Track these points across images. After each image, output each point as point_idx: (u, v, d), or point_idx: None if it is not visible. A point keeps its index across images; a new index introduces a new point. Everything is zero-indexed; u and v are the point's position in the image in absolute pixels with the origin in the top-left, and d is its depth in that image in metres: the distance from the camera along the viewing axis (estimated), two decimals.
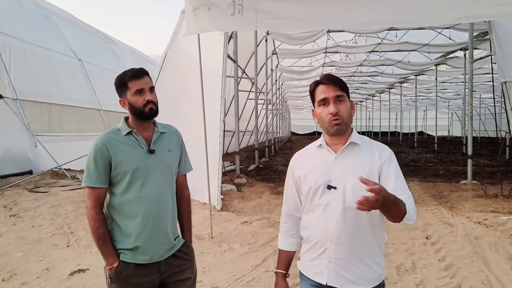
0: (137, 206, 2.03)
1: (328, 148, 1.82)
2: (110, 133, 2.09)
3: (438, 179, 10.43)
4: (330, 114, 1.73)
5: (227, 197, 7.71)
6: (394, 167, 1.77)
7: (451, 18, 5.42)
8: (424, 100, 34.57)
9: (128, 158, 2.04)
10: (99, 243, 2.02)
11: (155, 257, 2.08)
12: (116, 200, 2.05)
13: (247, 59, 14.06)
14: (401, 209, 1.59)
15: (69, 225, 5.97)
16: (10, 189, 8.09)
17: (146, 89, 2.08)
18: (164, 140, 2.18)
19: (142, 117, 2.10)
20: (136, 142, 2.09)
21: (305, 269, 1.87)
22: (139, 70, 2.12)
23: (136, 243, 2.04)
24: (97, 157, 2.01)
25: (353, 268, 1.73)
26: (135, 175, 2.03)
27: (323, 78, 1.79)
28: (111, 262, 2.02)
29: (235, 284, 4.04)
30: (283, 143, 30.12)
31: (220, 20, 5.10)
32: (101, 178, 2.02)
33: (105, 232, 2.03)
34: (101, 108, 13.18)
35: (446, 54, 16.48)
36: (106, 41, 16.80)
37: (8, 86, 9.55)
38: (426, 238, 5.40)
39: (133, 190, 2.04)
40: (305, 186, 1.84)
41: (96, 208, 2.02)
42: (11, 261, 4.66)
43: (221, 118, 7.22)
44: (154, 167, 2.09)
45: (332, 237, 1.73)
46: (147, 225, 2.04)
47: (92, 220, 2.01)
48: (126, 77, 2.11)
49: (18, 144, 9.59)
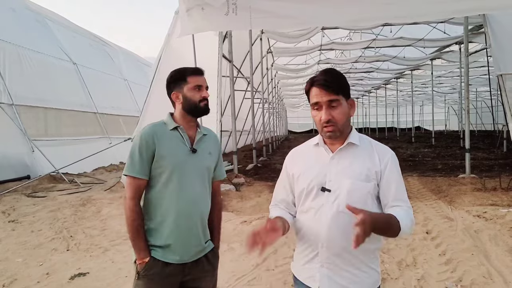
0: (172, 203, 2.02)
1: (326, 147, 1.75)
2: (157, 126, 2.08)
3: (437, 174, 10.45)
4: (322, 121, 1.65)
5: (226, 197, 7.70)
6: (395, 174, 1.69)
7: (445, 12, 5.44)
8: (420, 95, 34.68)
9: (171, 152, 2.03)
10: (133, 235, 2.00)
11: (184, 257, 2.05)
12: (153, 194, 2.04)
13: (242, 59, 14.05)
14: (394, 229, 1.55)
15: (68, 229, 5.94)
16: (8, 195, 8.06)
17: (204, 86, 2.12)
18: (205, 142, 2.18)
19: (195, 112, 2.11)
20: (180, 139, 2.08)
21: (298, 273, 1.81)
22: (199, 68, 2.16)
23: (168, 241, 2.02)
24: (142, 147, 1.99)
25: (346, 274, 1.67)
26: (175, 172, 2.02)
27: (317, 79, 1.66)
28: (143, 256, 2.00)
29: (236, 283, 4.03)
30: (281, 142, 30.14)
31: (214, 19, 5.10)
32: (144, 169, 2.01)
33: (140, 225, 2.01)
34: (97, 111, 13.15)
35: (441, 48, 16.53)
36: (100, 44, 16.75)
37: (3, 92, 9.53)
38: (426, 233, 5.40)
39: (171, 187, 2.02)
40: (298, 186, 1.77)
41: (135, 199, 2.00)
42: (11, 266, 4.63)
43: (218, 118, 7.21)
44: (194, 166, 2.08)
45: (323, 242, 1.66)
46: (181, 224, 2.03)
47: (130, 211, 1.99)
48: (187, 72, 2.12)
49: (15, 149, 9.56)
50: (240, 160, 13.60)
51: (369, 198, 1.66)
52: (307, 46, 16.85)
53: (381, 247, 1.78)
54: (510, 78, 7.67)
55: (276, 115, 26.35)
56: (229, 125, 11.09)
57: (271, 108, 22.23)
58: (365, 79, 26.51)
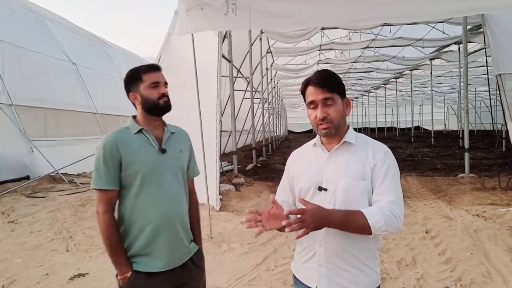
0: (150, 209, 1.93)
1: (323, 147, 1.77)
2: (120, 132, 1.99)
3: (436, 173, 10.47)
4: (318, 119, 1.67)
5: (226, 197, 7.70)
6: (384, 169, 1.66)
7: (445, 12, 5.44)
8: (419, 95, 34.70)
9: (139, 157, 1.93)
10: (111, 251, 1.90)
11: (171, 262, 1.98)
12: (128, 203, 1.94)
13: (242, 59, 14.05)
14: (358, 225, 1.54)
15: (67, 230, 5.94)
16: (7, 195, 8.05)
17: (162, 82, 2.03)
18: (174, 141, 2.10)
19: (155, 111, 2.02)
20: (147, 141, 1.99)
21: (297, 272, 1.82)
22: (154, 64, 2.07)
23: (150, 249, 1.94)
24: (106, 157, 1.89)
25: (345, 273, 1.67)
26: (147, 176, 1.93)
27: (312, 78, 1.69)
28: (124, 271, 1.90)
29: (236, 283, 4.03)
30: (280, 142, 30.13)
31: (213, 19, 5.10)
32: (112, 179, 1.90)
33: (118, 239, 1.91)
34: (96, 112, 13.13)
35: (440, 48, 16.53)
36: (99, 44, 16.73)
37: (2, 92, 9.51)
38: (426, 232, 5.41)
39: (146, 193, 1.93)
40: (297, 186, 1.79)
41: (108, 213, 1.90)
42: (11, 267, 4.63)
43: (218, 118, 7.21)
44: (166, 167, 2.00)
45: (321, 241, 1.67)
46: (161, 230, 1.94)
47: (105, 226, 1.89)
48: (141, 70, 2.02)
49: (14, 149, 9.55)
50: (240, 160, 13.61)
51: (366, 196, 1.66)
52: (306, 46, 16.84)
53: (380, 247, 1.77)
54: (509, 78, 7.67)
55: (276, 115, 26.35)
56: (229, 125, 11.09)
57: (270, 108, 22.23)
58: (365, 79, 26.50)
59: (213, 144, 6.92)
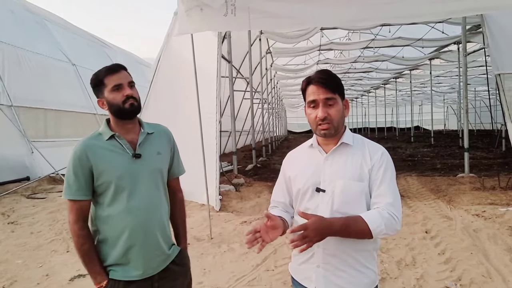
0: (125, 218, 1.86)
1: (320, 149, 1.77)
2: (90, 139, 1.89)
3: (436, 173, 10.47)
4: (318, 118, 1.66)
5: (226, 197, 7.70)
6: (382, 171, 1.67)
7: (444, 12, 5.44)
8: (419, 95, 34.68)
9: (111, 165, 1.85)
10: (84, 260, 1.86)
11: (148, 270, 1.92)
12: (103, 212, 1.88)
13: (241, 59, 14.06)
14: (359, 230, 1.56)
15: (67, 231, 5.93)
16: (7, 196, 8.06)
17: (125, 84, 1.88)
18: (152, 142, 1.99)
19: (123, 116, 1.89)
20: (119, 147, 1.89)
21: (295, 273, 1.82)
22: (115, 65, 1.93)
23: (127, 258, 1.89)
24: (76, 166, 1.82)
25: (343, 274, 1.67)
26: (120, 184, 1.85)
27: (314, 77, 1.69)
28: (99, 280, 1.86)
29: (236, 284, 4.04)
30: (280, 142, 30.13)
31: (213, 20, 5.10)
32: (82, 189, 1.83)
33: (90, 248, 1.87)
34: (96, 112, 13.13)
35: (440, 48, 16.54)
36: (99, 45, 16.76)
37: (2, 93, 9.51)
38: (426, 232, 5.42)
39: (120, 201, 1.86)
40: (294, 187, 1.79)
41: (79, 222, 1.85)
42: (11, 268, 4.64)
43: (217, 119, 7.21)
44: (141, 173, 1.91)
45: (319, 242, 1.63)
46: (137, 238, 1.88)
47: (76, 236, 1.85)
48: (101, 73, 1.89)
49: (14, 150, 9.55)
50: (240, 160, 13.61)
51: (363, 198, 1.67)
52: (306, 47, 16.84)
53: (378, 247, 1.78)
54: (508, 77, 7.68)
55: (276, 115, 26.35)
56: (229, 125, 11.09)
57: (270, 108, 22.24)
58: (364, 79, 26.50)
59: (213, 145, 6.93)
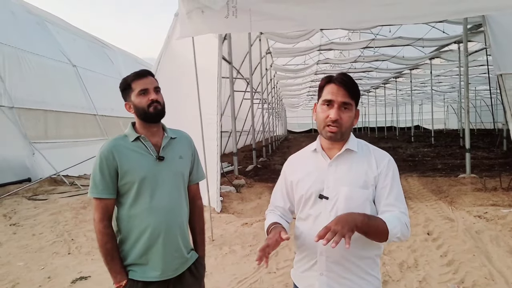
0: (146, 218, 1.92)
1: (323, 153, 1.74)
2: (117, 140, 1.97)
3: (437, 174, 10.46)
4: (330, 119, 1.63)
5: (227, 198, 7.69)
6: (390, 179, 1.66)
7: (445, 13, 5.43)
8: (419, 94, 34.68)
9: (135, 166, 1.92)
10: (106, 259, 1.91)
11: (167, 272, 1.96)
12: (125, 212, 1.94)
13: (241, 59, 14.05)
14: (379, 228, 1.54)
15: (69, 232, 5.94)
16: (9, 198, 8.04)
17: (151, 89, 1.98)
18: (174, 146, 2.06)
19: (148, 119, 1.98)
20: (144, 149, 1.96)
21: (297, 281, 1.80)
22: (143, 70, 2.04)
23: (146, 258, 1.94)
24: (102, 165, 1.89)
25: (346, 281, 1.66)
26: (144, 185, 1.92)
27: (337, 77, 1.67)
28: (119, 280, 1.92)
29: (238, 286, 4.04)
30: (280, 142, 30.15)
31: (214, 22, 5.09)
32: (108, 188, 1.90)
33: (113, 247, 1.92)
34: (97, 113, 13.13)
35: (440, 47, 16.52)
36: (99, 46, 16.73)
37: (3, 95, 9.50)
38: (428, 234, 5.41)
39: (142, 201, 1.92)
40: (297, 193, 1.77)
41: (104, 221, 1.90)
42: (13, 270, 4.64)
43: (218, 120, 7.21)
44: (164, 175, 1.97)
45: (322, 250, 1.65)
46: (158, 239, 1.93)
47: (100, 235, 1.90)
48: (129, 78, 2.00)
49: (15, 152, 9.54)
50: (240, 160, 13.60)
51: (367, 205, 1.65)
52: (306, 47, 16.83)
53: (381, 253, 1.77)
54: (509, 77, 7.66)
55: (276, 115, 26.34)
56: (229, 125, 11.09)
57: (270, 108, 22.23)
58: (364, 78, 26.50)
59: (213, 146, 6.92)
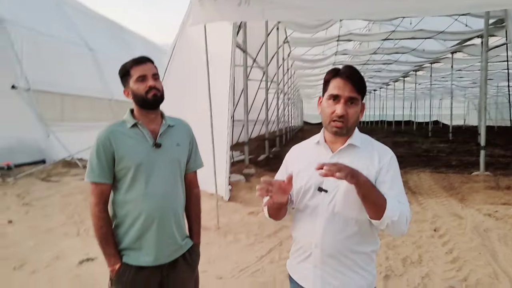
0: (141, 204, 1.94)
1: (326, 146, 1.73)
2: (114, 126, 2.00)
3: (450, 170, 10.27)
4: (336, 114, 1.62)
5: (235, 187, 7.71)
6: (391, 174, 1.65)
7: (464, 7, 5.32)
8: (439, 89, 33.99)
9: (131, 152, 1.94)
10: (101, 242, 1.95)
11: (160, 258, 1.99)
12: (120, 197, 1.97)
13: (257, 48, 13.97)
14: (379, 199, 1.53)
15: (79, 214, 6.05)
16: (23, 178, 8.23)
17: (149, 75, 1.98)
18: (172, 134, 2.07)
19: (146, 106, 1.99)
20: (141, 135, 1.98)
21: (292, 272, 1.82)
22: (141, 57, 2.03)
23: (140, 243, 1.97)
24: (99, 151, 1.93)
25: (340, 276, 1.67)
26: (139, 171, 1.94)
27: (344, 71, 1.64)
28: (113, 263, 1.96)
29: (240, 274, 4.06)
30: (295, 133, 30.02)
31: (226, 10, 5.08)
32: (104, 173, 1.93)
33: (108, 231, 1.96)
34: (112, 98, 13.27)
35: (463, 41, 16.10)
36: (117, 31, 16.85)
37: (20, 77, 9.67)
38: (434, 230, 5.35)
39: (137, 187, 1.95)
40: (296, 184, 1.75)
41: (99, 205, 1.95)
42: (23, 250, 4.76)
43: (230, 108, 7.20)
44: (160, 162, 1.99)
45: (317, 242, 1.66)
46: (151, 225, 1.96)
47: (96, 218, 1.94)
48: (128, 64, 2.00)
49: (31, 133, 9.74)
50: (253, 150, 13.59)
51: None
52: (324, 37, 16.61)
53: (377, 249, 1.75)
54: None
55: (292, 105, 26.21)
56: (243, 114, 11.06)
57: (286, 98, 22.13)
58: (384, 71, 26.06)
59: (224, 134, 6.93)
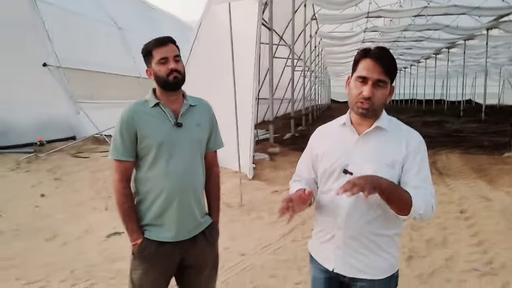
0: (162, 182, 1.99)
1: (352, 128, 1.69)
2: (137, 105, 2.03)
3: (480, 151, 9.99)
4: (362, 96, 1.58)
5: (259, 166, 7.74)
6: (418, 160, 1.61)
7: None
8: (473, 67, 32.74)
9: (154, 131, 1.98)
10: (124, 218, 2.01)
11: (180, 234, 2.04)
12: (143, 174, 2.02)
13: (284, 26, 13.76)
14: (403, 198, 1.52)
15: (107, 190, 6.22)
16: (54, 154, 8.52)
17: (171, 57, 1.98)
18: (193, 114, 2.09)
19: (167, 87, 2.01)
20: (163, 115, 2.01)
21: (314, 252, 1.83)
22: (164, 38, 2.02)
23: (162, 219, 2.01)
24: (123, 129, 1.97)
25: (362, 257, 1.67)
26: (161, 150, 1.98)
27: (374, 52, 1.59)
28: (135, 238, 2.01)
29: (262, 252, 4.13)
30: (322, 111, 29.71)
31: None
32: (127, 151, 1.98)
33: (130, 207, 2.01)
34: (140, 76, 13.42)
35: (499, 17, 15.39)
36: (146, 9, 16.92)
37: (51, 54, 9.88)
38: (461, 212, 5.26)
39: (159, 165, 1.99)
40: (321, 166, 1.75)
41: (123, 182, 2.00)
42: (54, 222, 4.97)
43: (255, 87, 7.18)
44: (181, 141, 2.02)
45: (340, 225, 1.67)
46: (172, 202, 2.00)
47: (119, 194, 2.00)
48: (150, 45, 2.00)
49: (61, 110, 10.00)
50: (279, 128, 13.56)
51: None
52: (353, 13, 16.13)
53: (400, 232, 1.74)
54: None
55: (319, 83, 25.87)
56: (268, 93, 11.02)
57: (313, 76, 21.84)
58: (415, 48, 25.26)
59: (248, 112, 6.93)
